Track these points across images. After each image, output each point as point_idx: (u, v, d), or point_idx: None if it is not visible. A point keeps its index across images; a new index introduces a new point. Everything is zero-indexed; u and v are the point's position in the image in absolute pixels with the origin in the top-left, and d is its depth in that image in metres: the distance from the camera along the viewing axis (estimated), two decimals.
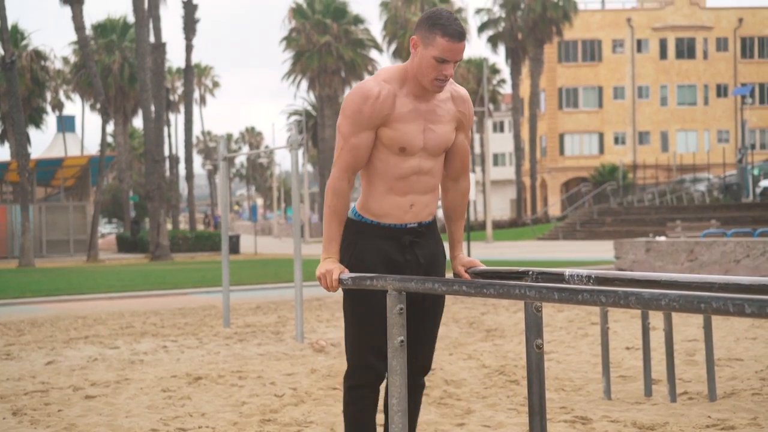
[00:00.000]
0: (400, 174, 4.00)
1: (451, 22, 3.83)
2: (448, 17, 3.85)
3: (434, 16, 3.85)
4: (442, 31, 3.81)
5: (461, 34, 3.85)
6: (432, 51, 3.82)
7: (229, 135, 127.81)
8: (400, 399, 3.52)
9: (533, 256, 32.91)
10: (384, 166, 4.02)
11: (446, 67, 3.85)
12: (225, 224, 15.50)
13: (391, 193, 4.02)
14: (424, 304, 4.10)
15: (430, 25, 3.84)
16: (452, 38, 3.82)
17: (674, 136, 77.01)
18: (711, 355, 8.10)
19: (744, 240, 16.33)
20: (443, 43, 3.81)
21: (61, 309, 18.48)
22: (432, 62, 3.83)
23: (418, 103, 3.98)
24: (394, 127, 3.95)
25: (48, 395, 9.02)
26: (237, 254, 43.20)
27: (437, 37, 3.81)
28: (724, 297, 2.44)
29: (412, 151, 3.99)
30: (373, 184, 4.05)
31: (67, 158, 51.94)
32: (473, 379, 9.30)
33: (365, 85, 3.96)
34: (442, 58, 3.82)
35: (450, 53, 3.82)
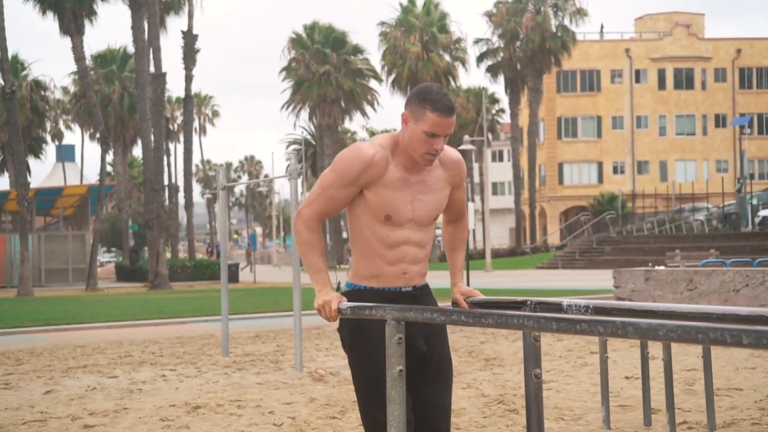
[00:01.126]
0: (389, 243, 4.02)
1: (440, 98, 3.90)
2: (437, 92, 3.92)
3: (424, 92, 3.91)
4: (431, 106, 3.86)
5: (450, 108, 3.90)
6: (422, 126, 3.87)
7: (229, 164, 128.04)
8: (399, 429, 3.52)
9: (532, 285, 32.89)
10: (372, 234, 4.02)
11: (436, 141, 3.90)
12: (224, 253, 15.50)
13: (381, 261, 4.03)
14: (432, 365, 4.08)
15: (420, 101, 3.89)
16: (442, 113, 3.87)
17: (673, 165, 77.14)
18: (710, 384, 8.09)
19: (743, 269, 16.32)
20: (433, 118, 3.86)
21: (59, 338, 18.45)
22: (422, 136, 3.88)
23: (408, 174, 4.01)
24: (381, 192, 3.97)
25: (46, 425, 9.00)
26: (236, 283, 43.16)
27: (427, 112, 3.86)
28: (721, 327, 2.45)
29: (400, 221, 4.00)
30: (363, 253, 4.06)
31: (66, 187, 52.00)
32: (472, 408, 9.28)
33: (361, 146, 4.01)
34: (432, 132, 3.87)
35: (440, 128, 3.88)
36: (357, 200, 4.05)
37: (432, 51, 64.68)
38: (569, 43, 65.94)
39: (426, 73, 63.50)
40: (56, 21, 44.15)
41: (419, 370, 4.04)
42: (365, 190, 3.99)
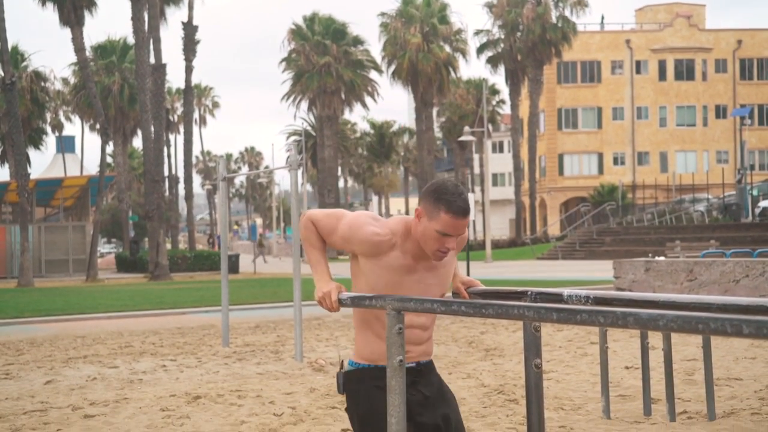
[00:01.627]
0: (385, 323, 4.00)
1: (456, 198, 3.84)
2: (453, 192, 3.85)
3: (440, 190, 3.86)
4: (446, 207, 3.81)
5: (465, 211, 3.84)
6: (435, 225, 3.84)
7: (229, 155, 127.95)
8: (399, 419, 3.53)
9: (532, 275, 32.90)
10: (374, 317, 4.02)
11: (449, 241, 3.87)
12: (224, 244, 15.51)
13: (381, 340, 4.01)
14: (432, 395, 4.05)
15: (435, 199, 3.85)
16: (456, 215, 3.82)
17: (673, 156, 77.10)
18: (710, 374, 8.10)
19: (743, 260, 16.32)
20: (447, 218, 3.82)
21: (60, 328, 18.47)
22: (435, 235, 3.85)
23: (415, 262, 4.00)
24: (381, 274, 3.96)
25: (47, 414, 9.01)
26: (236, 273, 43.17)
27: (441, 212, 3.82)
28: (721, 318, 2.45)
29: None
30: (365, 333, 4.06)
31: (66, 178, 51.99)
32: (472, 398, 9.29)
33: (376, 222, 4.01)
34: (445, 232, 3.85)
35: (453, 229, 3.85)
36: (360, 280, 4.04)
37: (432, 42, 64.58)
38: (570, 34, 65.84)
39: (426, 64, 63.43)
40: (56, 12, 44.09)
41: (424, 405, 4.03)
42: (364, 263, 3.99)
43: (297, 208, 13.85)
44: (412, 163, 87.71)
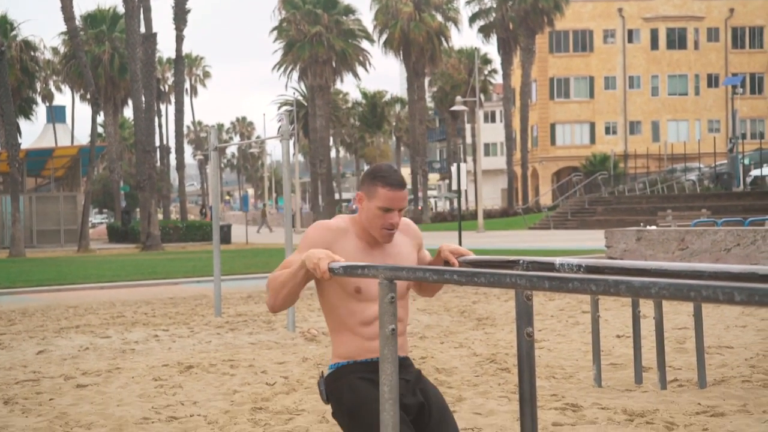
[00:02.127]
0: (363, 320, 4.02)
1: (390, 173, 4.03)
2: (387, 169, 4.06)
3: (375, 170, 4.06)
4: (382, 182, 3.99)
5: (401, 183, 4.02)
6: (376, 202, 3.99)
7: (220, 125, 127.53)
8: (391, 387, 3.53)
9: (524, 245, 32.95)
10: (346, 313, 4.03)
11: (392, 216, 4.01)
12: (216, 214, 15.50)
13: (360, 338, 4.03)
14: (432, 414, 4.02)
15: (371, 179, 4.03)
16: (393, 187, 3.98)
17: (665, 125, 77.08)
18: (701, 342, 8.13)
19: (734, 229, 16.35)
20: (385, 192, 3.98)
21: (52, 299, 18.47)
22: (378, 212, 3.99)
23: (371, 249, 4.09)
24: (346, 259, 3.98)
25: (39, 384, 9.02)
26: (228, 244, 43.16)
27: (378, 188, 3.99)
28: (713, 285, 2.45)
29: (370, 294, 4.00)
30: (338, 332, 4.07)
31: (57, 148, 51.80)
32: (464, 367, 9.32)
33: (324, 221, 4.15)
34: (386, 207, 3.98)
35: (393, 202, 3.99)
36: (322, 296, 4.06)
37: (424, 11, 64.34)
38: (562, 2, 65.63)
39: (418, 34, 63.22)
40: None
41: (422, 421, 4.01)
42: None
43: (288, 179, 13.83)
44: (404, 133, 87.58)
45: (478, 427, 6.81)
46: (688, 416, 6.86)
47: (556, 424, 6.82)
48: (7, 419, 7.52)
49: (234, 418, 7.34)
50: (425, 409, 4.03)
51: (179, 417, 7.44)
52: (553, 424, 6.83)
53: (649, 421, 6.76)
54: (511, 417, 6.95)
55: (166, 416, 7.48)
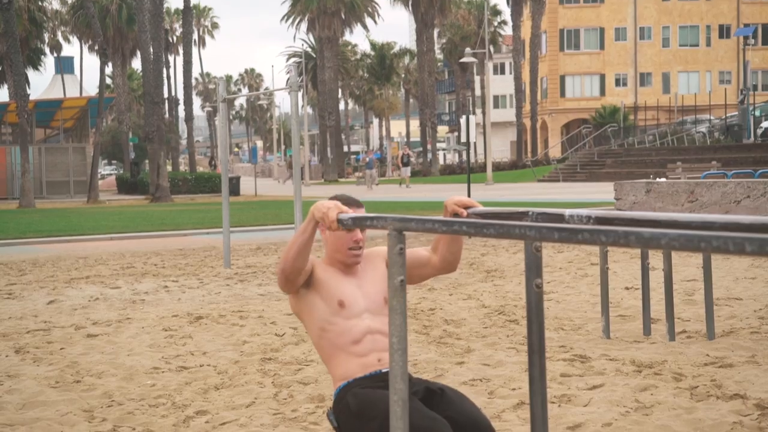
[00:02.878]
0: (353, 338, 4.02)
1: (345, 197, 4.10)
2: (341, 195, 4.12)
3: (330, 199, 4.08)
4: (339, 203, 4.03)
5: (357, 202, 4.08)
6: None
7: (229, 77, 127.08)
8: (400, 338, 3.53)
9: (533, 197, 32.92)
10: (334, 333, 4.03)
11: (354, 234, 4.05)
12: (225, 166, 15.49)
13: (352, 356, 4.02)
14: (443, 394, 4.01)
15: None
16: (350, 206, 4.00)
17: (676, 77, 76.61)
18: (710, 294, 8.14)
19: (744, 181, 16.29)
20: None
21: (62, 249, 18.53)
22: (341, 234, 4.04)
23: (344, 275, 4.13)
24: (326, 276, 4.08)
25: (50, 334, 9.08)
26: (237, 196, 43.19)
27: None
28: (724, 236, 2.44)
29: (354, 309, 4.02)
30: (332, 357, 4.07)
31: (65, 99, 51.77)
32: (473, 319, 9.35)
33: None
34: None
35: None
36: (305, 305, 4.09)
37: None
38: None
39: None
40: None
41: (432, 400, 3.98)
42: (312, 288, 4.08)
43: (297, 131, 13.79)
44: (413, 85, 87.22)
45: (486, 377, 6.84)
46: (696, 367, 6.88)
47: (565, 375, 6.84)
48: (19, 368, 7.58)
49: (243, 369, 7.38)
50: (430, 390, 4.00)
51: (189, 367, 7.48)
52: (561, 375, 6.85)
53: (657, 372, 6.78)
54: (519, 368, 6.97)
55: (175, 366, 7.53)
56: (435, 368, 7.19)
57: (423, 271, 4.20)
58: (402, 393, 3.56)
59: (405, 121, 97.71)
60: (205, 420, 5.96)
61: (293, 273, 3.97)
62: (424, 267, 4.19)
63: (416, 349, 7.91)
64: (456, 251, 4.22)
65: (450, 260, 4.23)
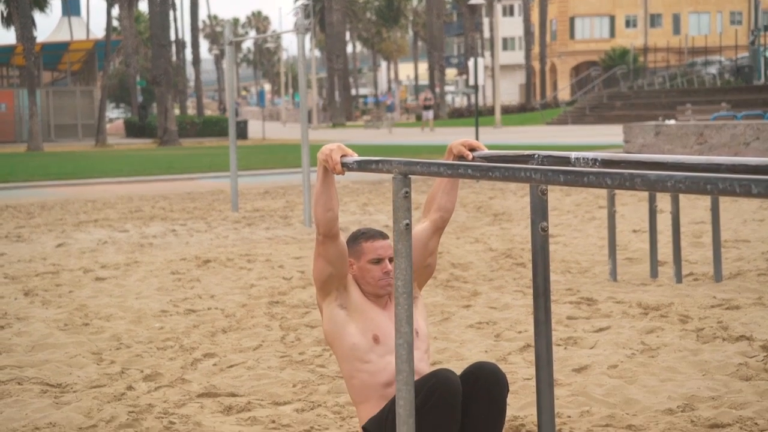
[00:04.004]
0: (386, 380, 3.94)
1: (368, 230, 4.13)
2: (365, 228, 4.16)
3: (354, 234, 4.13)
4: (364, 238, 4.07)
5: (382, 233, 4.10)
6: (365, 258, 4.03)
7: (236, 19, 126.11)
8: (405, 281, 3.53)
9: (542, 140, 32.82)
10: (367, 374, 3.96)
11: (383, 266, 4.03)
12: (232, 109, 15.45)
13: (384, 401, 3.94)
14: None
15: (353, 241, 4.08)
16: (374, 239, 4.05)
17: (686, 18, 75.87)
18: (718, 236, 8.13)
19: (754, 123, 16.24)
20: (369, 245, 4.04)
21: (70, 193, 18.56)
22: (370, 266, 4.02)
23: (378, 307, 4.06)
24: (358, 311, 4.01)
25: (59, 276, 9.12)
26: (245, 140, 43.12)
27: (362, 244, 4.05)
28: (730, 178, 2.42)
29: (389, 345, 3.93)
30: (364, 401, 4.00)
31: (73, 42, 51.47)
32: (480, 262, 9.36)
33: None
34: (376, 258, 4.02)
35: (380, 250, 4.03)
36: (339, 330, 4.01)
37: None
38: None
39: None
40: None
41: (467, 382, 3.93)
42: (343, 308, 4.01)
43: (304, 73, 13.73)
44: (421, 27, 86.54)
45: (493, 320, 6.86)
46: (702, 309, 6.89)
47: (571, 318, 6.86)
48: (28, 310, 7.62)
49: (251, 312, 7.41)
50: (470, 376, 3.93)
51: (197, 310, 7.52)
52: (567, 317, 6.87)
53: (664, 314, 6.80)
54: (525, 311, 6.99)
55: (183, 309, 7.56)
56: (441, 311, 7.22)
57: (431, 244, 4.13)
58: (407, 336, 3.57)
59: (413, 64, 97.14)
60: (213, 363, 6.00)
61: (321, 225, 3.92)
62: (431, 239, 4.13)
63: (423, 292, 7.92)
64: (454, 199, 4.21)
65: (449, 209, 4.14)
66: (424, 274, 4.20)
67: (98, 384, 5.58)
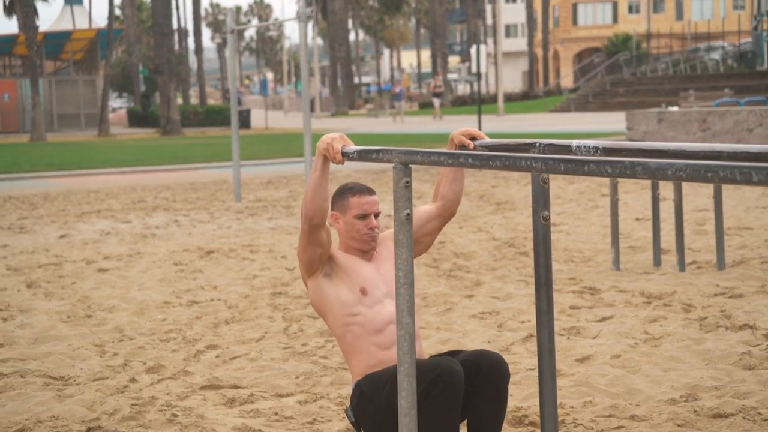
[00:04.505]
0: (376, 327, 3.97)
1: (356, 185, 4.13)
2: (353, 183, 4.16)
3: (341, 188, 4.12)
4: (351, 193, 4.07)
5: (369, 189, 4.11)
6: (351, 212, 4.05)
7: (238, 7, 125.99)
8: (406, 272, 3.52)
9: (544, 128, 32.77)
10: (358, 325, 3.98)
11: (369, 221, 4.05)
12: (234, 98, 15.43)
13: (375, 348, 3.98)
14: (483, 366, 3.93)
15: (340, 195, 4.09)
16: (362, 194, 4.06)
17: (689, 3, 75.65)
18: (721, 224, 8.10)
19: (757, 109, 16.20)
20: (357, 200, 4.05)
21: (73, 183, 18.55)
22: (356, 222, 4.04)
23: (364, 260, 4.11)
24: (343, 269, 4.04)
25: (61, 268, 9.11)
26: (248, 129, 43.04)
27: (349, 199, 4.06)
28: (731, 165, 2.40)
29: (376, 295, 3.99)
30: (355, 352, 4.02)
31: (75, 31, 51.39)
32: (483, 252, 9.35)
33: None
34: (362, 213, 4.04)
35: (367, 206, 4.05)
36: (326, 296, 4.04)
37: None
38: None
39: None
40: None
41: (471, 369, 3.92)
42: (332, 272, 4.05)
43: (307, 62, 13.70)
44: (424, 14, 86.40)
45: (496, 310, 6.85)
46: (706, 298, 6.88)
47: (574, 308, 6.85)
48: (31, 302, 7.62)
49: (254, 303, 7.40)
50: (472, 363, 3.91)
51: (200, 301, 7.51)
52: (570, 307, 6.86)
53: (667, 303, 6.78)
54: (528, 301, 6.98)
55: (186, 300, 7.56)
56: (444, 301, 7.20)
57: (430, 225, 4.17)
58: (408, 327, 3.56)
59: (416, 51, 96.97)
60: (216, 354, 5.99)
61: (315, 216, 3.93)
62: (430, 221, 4.17)
63: (426, 282, 7.92)
64: (458, 190, 4.24)
65: (452, 199, 4.21)
66: (415, 249, 4.17)
67: (101, 376, 5.57)
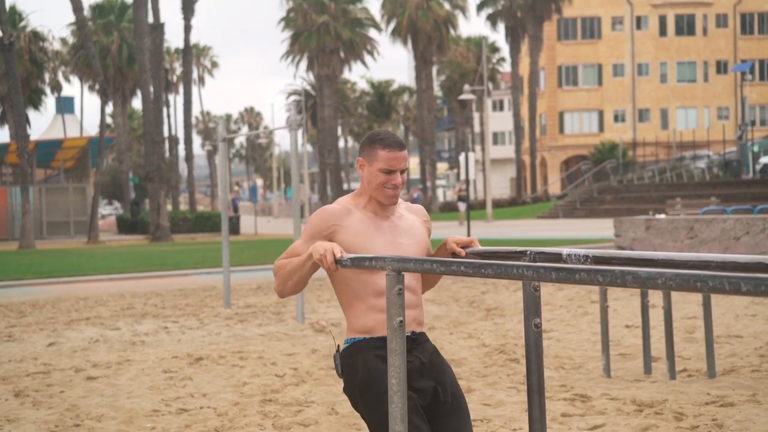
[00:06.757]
0: (376, 290, 4.01)
1: (388, 136, 4.08)
2: (385, 133, 4.11)
3: (373, 135, 4.11)
4: (381, 144, 4.04)
5: (400, 143, 4.07)
6: (377, 165, 4.04)
7: (229, 115, 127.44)
8: (399, 380, 3.53)
9: (533, 234, 32.91)
10: (358, 285, 4.04)
11: (394, 177, 4.05)
12: (224, 205, 15.51)
13: (373, 310, 4.02)
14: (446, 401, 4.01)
15: (370, 143, 4.08)
16: (392, 148, 4.03)
17: (674, 113, 76.80)
18: (710, 332, 8.12)
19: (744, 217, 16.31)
20: (385, 154, 4.03)
21: (62, 290, 18.51)
22: (380, 175, 4.04)
23: (379, 220, 4.11)
24: (352, 239, 4.04)
25: (50, 377, 9.05)
26: (237, 235, 43.17)
27: (378, 150, 4.04)
28: (720, 275, 2.45)
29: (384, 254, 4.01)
30: (353, 306, 4.07)
31: (66, 140, 51.84)
32: (473, 358, 9.32)
33: (325, 206, 4.17)
34: (388, 168, 4.03)
35: (394, 162, 4.03)
36: (340, 277, 4.08)
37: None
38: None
39: (426, 22, 63.10)
40: None
41: (435, 407, 3.99)
42: (341, 238, 4.05)
43: (297, 168, 13.84)
44: (413, 122, 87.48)
45: (487, 418, 6.81)
46: (697, 406, 6.86)
47: (565, 415, 6.82)
48: (18, 411, 7.55)
49: (243, 410, 7.35)
50: (438, 393, 4.01)
51: (189, 409, 7.46)
52: (562, 414, 6.83)
53: (658, 411, 6.76)
54: (520, 408, 6.95)
55: (176, 408, 7.50)
56: None
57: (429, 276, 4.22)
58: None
59: None
60: None
61: (290, 295, 4.01)
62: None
63: None
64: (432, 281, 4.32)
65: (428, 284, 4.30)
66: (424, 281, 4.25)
67: None
